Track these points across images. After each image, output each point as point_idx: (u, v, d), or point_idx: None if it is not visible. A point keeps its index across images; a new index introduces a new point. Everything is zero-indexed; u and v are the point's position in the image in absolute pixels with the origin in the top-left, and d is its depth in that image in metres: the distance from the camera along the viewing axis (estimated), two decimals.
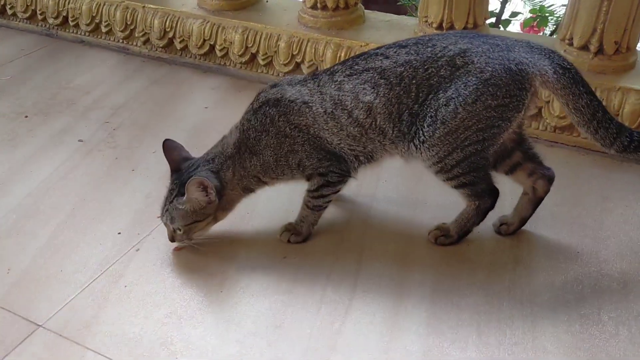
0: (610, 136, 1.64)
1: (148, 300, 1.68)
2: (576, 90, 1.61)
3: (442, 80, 1.62)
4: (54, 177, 2.19)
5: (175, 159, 1.83)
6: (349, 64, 1.73)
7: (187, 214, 1.73)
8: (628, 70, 2.30)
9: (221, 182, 1.76)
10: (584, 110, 1.63)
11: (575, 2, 2.27)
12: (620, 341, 1.54)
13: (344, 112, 1.70)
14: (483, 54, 1.61)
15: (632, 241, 1.86)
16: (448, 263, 1.79)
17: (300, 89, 1.75)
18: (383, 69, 1.67)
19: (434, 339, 1.55)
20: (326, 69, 1.80)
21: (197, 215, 1.74)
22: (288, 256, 1.83)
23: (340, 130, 1.72)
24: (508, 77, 1.58)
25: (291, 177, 1.81)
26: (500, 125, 1.63)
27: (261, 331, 1.58)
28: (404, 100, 1.65)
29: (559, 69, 1.62)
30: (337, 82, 1.72)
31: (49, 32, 3.31)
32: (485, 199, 1.76)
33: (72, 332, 1.59)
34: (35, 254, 1.84)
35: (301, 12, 2.76)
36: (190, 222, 1.74)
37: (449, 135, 1.63)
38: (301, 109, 1.72)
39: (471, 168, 1.68)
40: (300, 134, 1.74)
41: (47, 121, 2.54)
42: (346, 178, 1.80)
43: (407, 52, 1.67)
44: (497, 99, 1.59)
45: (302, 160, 1.76)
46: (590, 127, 1.64)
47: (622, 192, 2.06)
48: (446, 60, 1.62)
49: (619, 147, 1.65)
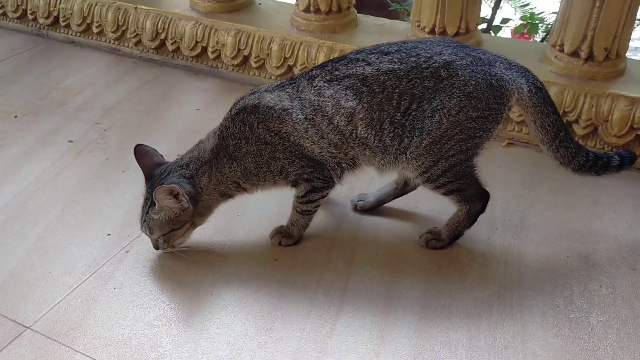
0: (569, 154, 1.75)
1: (137, 302, 1.67)
2: (545, 110, 1.70)
3: (425, 91, 1.64)
4: (44, 178, 2.17)
5: (147, 164, 1.79)
6: (328, 68, 1.71)
7: (162, 223, 1.71)
8: (617, 77, 2.32)
9: (195, 188, 1.72)
10: (549, 128, 1.72)
11: (566, 8, 2.29)
12: (608, 345, 1.55)
13: (325, 118, 1.67)
14: (467, 67, 1.63)
15: (621, 246, 1.88)
16: (439, 266, 1.80)
17: (279, 94, 1.72)
18: (365, 76, 1.66)
19: (425, 342, 1.56)
20: (304, 73, 1.77)
21: (174, 224, 1.71)
22: (279, 259, 1.82)
23: (321, 139, 1.69)
24: (489, 91, 1.64)
25: (273, 183, 1.79)
26: (481, 135, 1.68)
27: (251, 334, 1.58)
28: (385, 108, 1.65)
29: (533, 88, 1.69)
30: (316, 88, 1.69)
31: (40, 32, 3.29)
32: (475, 203, 1.78)
33: (60, 334, 1.57)
34: (23, 255, 1.83)
35: (294, 15, 2.76)
36: (167, 231, 1.72)
37: (433, 145, 1.65)
38: (281, 116, 1.69)
39: (457, 176, 1.71)
40: (280, 141, 1.71)
41: (37, 121, 2.52)
42: (331, 184, 1.78)
43: (390, 60, 1.66)
44: (478, 111, 1.64)
45: (284, 166, 1.74)
46: (552, 145, 1.74)
47: (612, 198, 2.08)
48: (431, 72, 1.64)
49: (575, 166, 1.77)
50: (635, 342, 1.56)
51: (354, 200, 2.02)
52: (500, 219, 1.99)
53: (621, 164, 1.80)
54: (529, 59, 2.45)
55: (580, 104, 2.28)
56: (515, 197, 2.09)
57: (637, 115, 2.20)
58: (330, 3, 2.66)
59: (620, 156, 1.80)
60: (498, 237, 1.91)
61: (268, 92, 1.74)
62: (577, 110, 2.28)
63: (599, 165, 1.78)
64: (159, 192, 1.64)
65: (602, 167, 1.78)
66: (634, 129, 2.22)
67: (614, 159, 1.79)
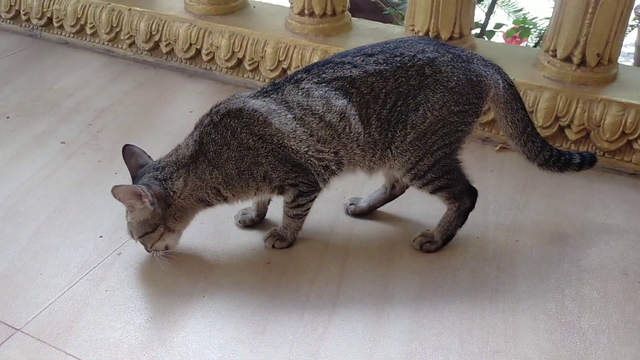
0: (535, 149, 1.84)
1: (129, 305, 1.66)
2: (515, 106, 1.79)
3: (411, 88, 1.68)
4: (36, 179, 2.16)
5: (133, 165, 1.78)
6: (314, 72, 1.71)
7: (136, 225, 1.71)
8: (610, 82, 2.34)
9: (167, 190, 1.69)
10: (518, 123, 1.80)
11: (559, 14, 2.31)
12: (600, 349, 1.56)
13: (315, 116, 1.68)
14: (449, 64, 1.69)
15: (613, 250, 1.89)
16: (431, 270, 1.80)
17: (264, 99, 1.71)
18: (353, 79, 1.68)
19: (417, 346, 1.56)
20: (286, 77, 1.76)
21: (146, 227, 1.70)
22: (272, 262, 1.82)
23: (310, 136, 1.69)
24: (469, 86, 1.70)
25: (256, 190, 1.74)
26: (462, 129, 1.73)
27: (244, 337, 1.57)
28: (371, 106, 1.69)
29: (506, 84, 1.77)
30: (304, 90, 1.69)
31: (33, 32, 3.28)
32: (464, 200, 1.80)
33: (51, 337, 1.56)
34: (14, 256, 1.81)
35: (288, 18, 2.77)
36: (142, 234, 1.72)
37: (418, 141, 1.69)
38: (267, 119, 1.67)
39: (443, 171, 1.74)
40: (264, 145, 1.68)
41: (30, 123, 2.51)
42: (317, 188, 1.77)
43: (376, 61, 1.69)
44: (459, 105, 1.69)
45: (267, 172, 1.71)
46: (520, 140, 1.83)
47: (603, 202, 2.09)
48: (416, 70, 1.68)
49: (541, 160, 1.85)
50: (627, 346, 1.57)
51: (346, 204, 2.03)
52: (493, 222, 1.99)
53: (582, 163, 1.89)
54: (522, 64, 2.47)
55: (573, 109, 2.29)
56: (507, 201, 2.09)
57: (629, 120, 2.22)
58: (325, 6, 2.67)
59: (581, 156, 1.90)
60: (490, 241, 1.92)
61: (252, 97, 1.73)
62: (569, 115, 2.29)
63: (561, 161, 1.86)
64: (116, 191, 1.63)
65: (564, 163, 1.87)
66: (626, 134, 2.24)
67: (575, 157, 1.89)
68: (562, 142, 2.34)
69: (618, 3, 2.18)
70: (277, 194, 1.78)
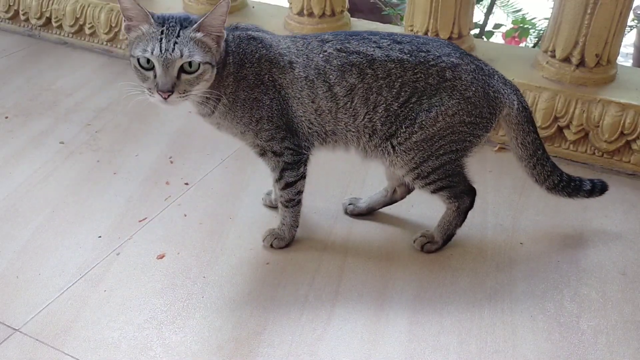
0: (545, 173, 1.83)
1: (128, 305, 1.66)
2: (527, 128, 1.78)
3: (428, 87, 1.66)
4: (34, 179, 2.16)
5: None
6: (341, 38, 1.71)
7: (200, 48, 1.54)
8: (608, 83, 2.34)
9: (226, 50, 1.63)
10: (528, 146, 1.80)
11: (557, 15, 2.31)
12: (598, 350, 1.56)
13: (325, 84, 1.68)
14: (470, 73, 1.67)
15: (611, 251, 1.89)
16: (430, 271, 1.80)
17: (290, 45, 1.72)
18: (373, 59, 1.66)
19: (416, 346, 1.56)
20: (315, 34, 1.77)
21: (210, 56, 1.56)
22: (271, 262, 1.82)
23: (311, 102, 1.69)
24: (485, 100, 1.68)
25: (243, 129, 1.70)
26: (471, 140, 1.72)
27: (243, 337, 1.57)
28: (383, 94, 1.67)
29: (521, 106, 1.76)
30: (325, 53, 1.69)
31: (32, 32, 3.28)
32: (464, 199, 1.80)
33: (49, 337, 1.56)
34: (13, 256, 1.81)
35: (287, 19, 2.77)
36: (206, 61, 1.55)
37: (425, 142, 1.68)
38: (285, 67, 1.68)
39: (447, 174, 1.74)
40: (273, 89, 1.68)
41: (28, 122, 2.51)
42: (302, 157, 1.76)
43: (401, 50, 1.68)
44: (471, 117, 1.68)
45: (262, 118, 1.68)
46: (530, 162, 1.82)
47: (602, 203, 2.08)
48: (437, 70, 1.66)
49: (549, 185, 1.85)
50: (625, 347, 1.57)
51: (345, 204, 2.03)
52: (492, 223, 1.99)
53: (592, 190, 1.90)
54: (521, 65, 2.48)
55: (572, 109, 2.29)
56: (506, 202, 2.10)
57: (627, 121, 2.22)
58: (324, 7, 2.67)
59: (592, 183, 1.90)
60: (489, 241, 1.92)
61: (280, 38, 1.73)
62: (568, 116, 2.30)
63: (571, 187, 1.87)
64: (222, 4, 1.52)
65: (574, 189, 1.88)
66: (624, 135, 2.24)
67: (585, 184, 1.89)
68: (561, 143, 2.35)
69: (617, 4, 2.18)
70: (257, 153, 1.77)
